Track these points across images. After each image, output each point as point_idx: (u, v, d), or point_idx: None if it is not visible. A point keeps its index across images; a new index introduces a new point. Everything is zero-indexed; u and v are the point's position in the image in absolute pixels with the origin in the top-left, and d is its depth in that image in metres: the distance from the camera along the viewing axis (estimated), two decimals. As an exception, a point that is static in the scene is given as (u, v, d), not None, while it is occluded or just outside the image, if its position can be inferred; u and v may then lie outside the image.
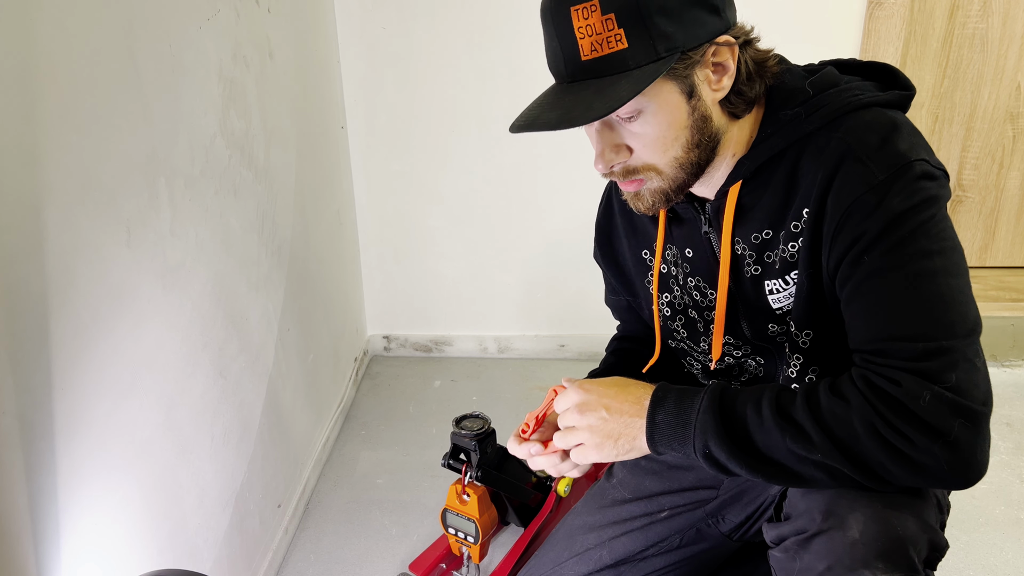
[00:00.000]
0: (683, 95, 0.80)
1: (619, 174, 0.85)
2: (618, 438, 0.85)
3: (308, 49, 1.73)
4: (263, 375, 1.42)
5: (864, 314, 0.79)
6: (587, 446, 0.86)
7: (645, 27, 0.75)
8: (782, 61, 0.89)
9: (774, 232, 0.87)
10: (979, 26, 2.02)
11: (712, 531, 1.11)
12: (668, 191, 0.85)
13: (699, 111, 0.81)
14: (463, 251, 2.17)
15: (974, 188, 2.20)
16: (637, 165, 0.84)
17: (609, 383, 0.88)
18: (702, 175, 0.87)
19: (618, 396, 0.85)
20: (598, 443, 0.85)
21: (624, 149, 0.83)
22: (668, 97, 0.79)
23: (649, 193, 0.86)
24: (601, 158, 0.84)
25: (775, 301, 0.90)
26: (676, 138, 0.82)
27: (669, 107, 0.80)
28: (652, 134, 0.81)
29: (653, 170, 0.84)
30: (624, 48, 0.76)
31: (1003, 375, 2.05)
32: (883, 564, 0.74)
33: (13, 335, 0.75)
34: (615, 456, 0.85)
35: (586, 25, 0.76)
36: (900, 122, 0.81)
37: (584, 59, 0.78)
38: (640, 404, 0.84)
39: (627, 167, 0.84)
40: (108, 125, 0.91)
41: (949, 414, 0.72)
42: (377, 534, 1.55)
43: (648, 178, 0.84)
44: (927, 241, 0.76)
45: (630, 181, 0.85)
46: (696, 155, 0.83)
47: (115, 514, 0.93)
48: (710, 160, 0.85)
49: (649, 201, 0.87)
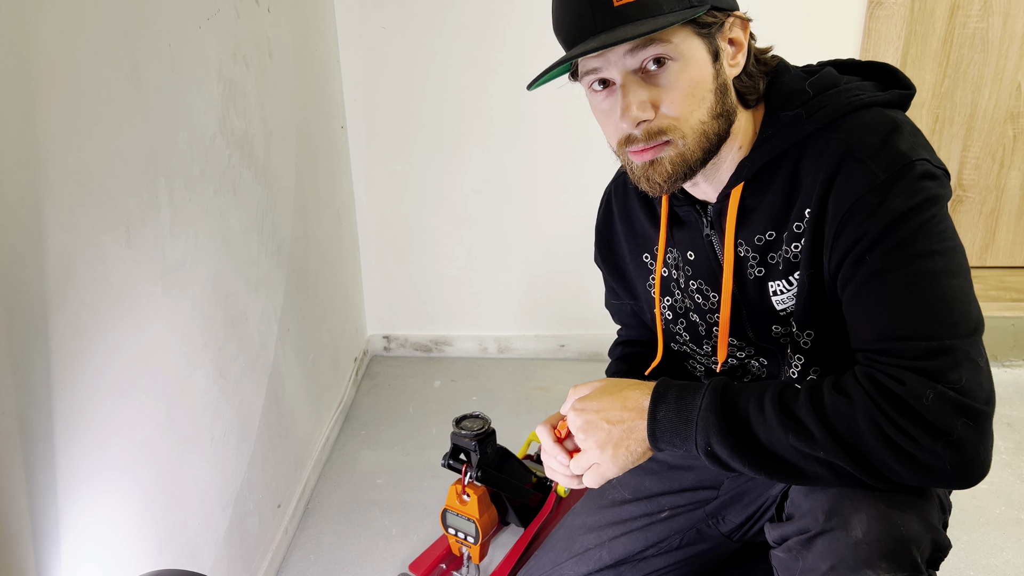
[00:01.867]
0: (710, 55, 0.81)
1: (642, 137, 0.81)
2: (627, 445, 0.84)
3: (308, 49, 1.73)
4: (263, 375, 1.42)
5: (867, 314, 0.79)
6: (601, 464, 0.86)
7: None
8: (780, 62, 0.89)
9: (777, 233, 0.87)
10: (979, 26, 2.02)
11: (712, 531, 1.11)
12: (688, 159, 0.82)
13: (722, 77, 0.82)
14: (463, 251, 2.17)
15: (975, 188, 2.20)
16: (663, 124, 0.81)
17: (602, 393, 0.87)
18: (714, 158, 0.85)
19: (614, 405, 0.85)
20: (611, 455, 0.85)
21: (650, 107, 0.80)
22: (697, 53, 0.80)
23: (668, 160, 0.82)
24: (627, 113, 0.80)
25: (779, 302, 0.90)
26: (703, 99, 0.81)
27: (698, 63, 0.80)
28: (682, 87, 0.79)
29: (678, 131, 0.81)
30: None
31: (1003, 375, 2.05)
32: (887, 564, 0.74)
33: (13, 335, 0.75)
34: (630, 461, 0.85)
35: None
36: (901, 122, 0.81)
37: (617, 4, 0.76)
38: (639, 406, 0.84)
39: (651, 127, 0.81)
40: (108, 125, 0.91)
41: (952, 413, 0.72)
42: (377, 534, 1.55)
43: (673, 138, 0.81)
44: (929, 241, 0.76)
45: (651, 147, 0.82)
46: (716, 126, 0.83)
47: (115, 514, 0.93)
48: (723, 139, 0.85)
49: (668, 170, 0.83)
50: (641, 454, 0.85)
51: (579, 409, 0.87)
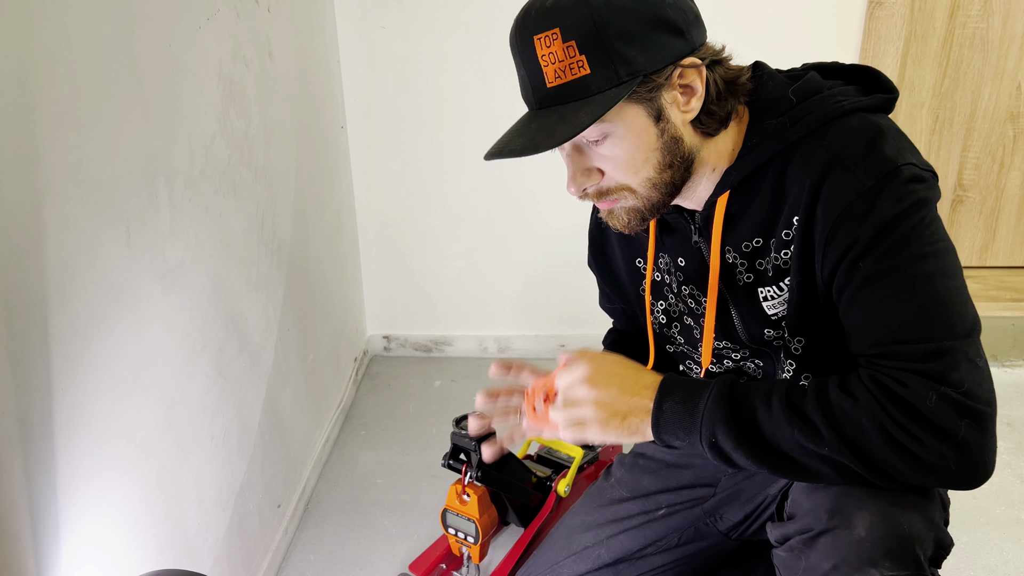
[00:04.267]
0: (650, 118, 0.80)
1: (592, 195, 0.86)
2: (626, 417, 0.82)
3: (308, 49, 1.73)
4: (263, 375, 1.42)
5: (863, 320, 0.79)
6: (591, 422, 0.82)
7: (606, 53, 0.76)
8: (762, 66, 0.89)
9: (764, 240, 0.87)
10: (979, 26, 2.02)
11: (710, 530, 1.11)
12: (642, 210, 0.86)
13: (668, 133, 0.82)
14: (463, 251, 2.17)
15: (975, 188, 2.20)
16: (610, 186, 0.85)
17: (621, 361, 0.86)
18: (679, 193, 0.87)
19: (630, 376, 0.84)
20: (604, 419, 0.82)
21: (595, 172, 0.84)
22: (634, 120, 0.80)
23: (624, 211, 0.87)
24: (572, 181, 0.85)
25: (770, 308, 0.90)
26: (647, 160, 0.82)
27: (636, 130, 0.80)
28: (621, 156, 0.82)
29: (626, 190, 0.85)
30: (587, 74, 0.77)
31: (1003, 375, 2.05)
32: (890, 563, 0.74)
33: (13, 335, 0.75)
34: (618, 436, 0.82)
35: (549, 53, 0.78)
36: (885, 127, 0.81)
37: (549, 86, 0.80)
38: (650, 389, 0.83)
39: (600, 189, 0.85)
40: (108, 125, 0.91)
41: (955, 415, 0.72)
42: (377, 534, 1.55)
43: (622, 197, 0.85)
44: (920, 244, 0.76)
45: (604, 201, 0.86)
46: (669, 175, 0.84)
47: (115, 514, 0.93)
48: (685, 179, 0.86)
49: (624, 219, 0.87)
50: (631, 434, 0.83)
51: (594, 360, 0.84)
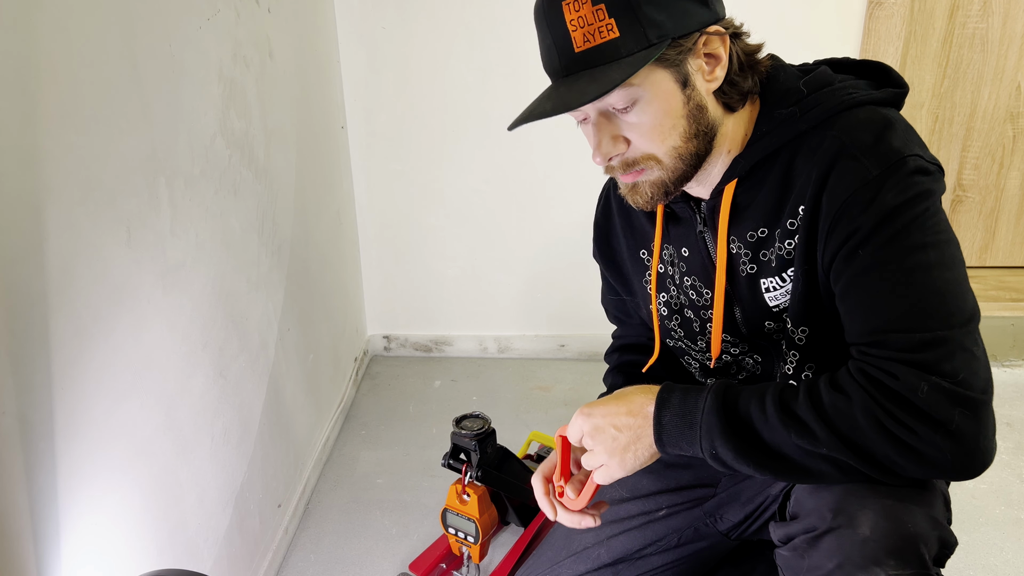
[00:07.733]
0: (677, 84, 0.81)
1: (618, 167, 0.85)
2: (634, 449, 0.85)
3: (308, 49, 1.73)
4: (263, 375, 1.42)
5: (860, 308, 0.80)
6: (609, 466, 0.86)
7: (635, 16, 0.76)
8: (775, 59, 0.90)
9: (769, 230, 0.87)
10: (979, 26, 2.02)
11: (710, 530, 1.11)
12: (667, 182, 0.85)
13: (694, 100, 0.82)
14: (463, 251, 2.17)
15: (974, 188, 2.20)
16: (636, 156, 0.84)
17: (610, 400, 0.88)
18: (700, 168, 0.87)
19: (621, 411, 0.86)
20: (619, 460, 0.85)
21: (621, 141, 0.83)
22: (663, 85, 0.80)
23: (648, 185, 0.86)
24: (598, 150, 0.84)
25: (771, 299, 0.90)
26: (673, 127, 0.82)
27: (664, 95, 0.80)
28: (648, 123, 0.81)
29: (653, 159, 0.84)
30: (616, 37, 0.77)
31: (1003, 375, 2.05)
32: (894, 562, 0.74)
33: (13, 335, 0.75)
34: (637, 465, 0.85)
35: (577, 17, 0.78)
36: (894, 119, 0.82)
37: (577, 50, 0.79)
38: (644, 411, 0.84)
39: (625, 159, 0.84)
40: (108, 125, 0.91)
41: (948, 404, 0.72)
42: (377, 534, 1.55)
43: (648, 167, 0.84)
44: (921, 235, 0.76)
45: (629, 173, 0.85)
46: (694, 145, 0.84)
47: (115, 514, 0.93)
48: (707, 152, 0.86)
49: (648, 193, 0.86)
50: (648, 457, 0.85)
51: (586, 414, 0.87)
